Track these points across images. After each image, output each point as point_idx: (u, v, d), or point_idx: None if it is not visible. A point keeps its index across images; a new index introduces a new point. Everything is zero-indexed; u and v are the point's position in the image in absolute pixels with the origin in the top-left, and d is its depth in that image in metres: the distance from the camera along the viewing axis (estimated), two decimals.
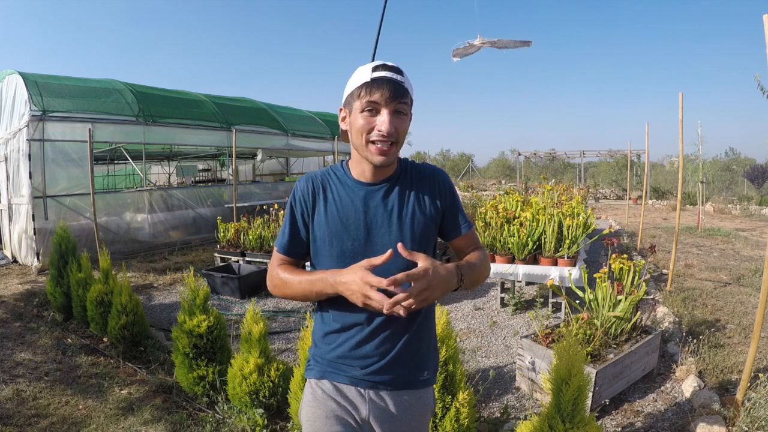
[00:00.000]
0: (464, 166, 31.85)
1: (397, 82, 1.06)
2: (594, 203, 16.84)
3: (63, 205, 6.73)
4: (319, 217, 1.15)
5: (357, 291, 0.98)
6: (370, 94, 1.05)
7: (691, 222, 10.61)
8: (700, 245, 7.97)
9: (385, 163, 1.09)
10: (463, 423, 1.99)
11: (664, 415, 2.63)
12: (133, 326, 3.52)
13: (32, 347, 3.73)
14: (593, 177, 23.64)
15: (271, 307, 4.80)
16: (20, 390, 3.00)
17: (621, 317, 2.90)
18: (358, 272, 0.99)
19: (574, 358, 1.50)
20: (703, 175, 11.95)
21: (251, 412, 2.47)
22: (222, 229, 6.48)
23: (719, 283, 5.39)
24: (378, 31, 4.11)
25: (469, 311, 4.58)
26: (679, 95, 4.82)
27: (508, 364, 3.33)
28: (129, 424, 2.62)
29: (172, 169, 16.70)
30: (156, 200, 8.05)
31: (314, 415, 1.15)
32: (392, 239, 1.11)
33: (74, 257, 4.26)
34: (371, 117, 1.06)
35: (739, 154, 23.72)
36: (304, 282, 1.11)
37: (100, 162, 12.19)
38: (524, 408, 2.72)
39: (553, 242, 4.32)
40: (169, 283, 5.76)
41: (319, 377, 1.18)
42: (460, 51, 6.27)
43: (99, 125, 7.06)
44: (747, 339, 3.57)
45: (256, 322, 2.51)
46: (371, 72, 1.07)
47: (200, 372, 2.70)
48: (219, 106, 9.53)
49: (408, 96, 1.09)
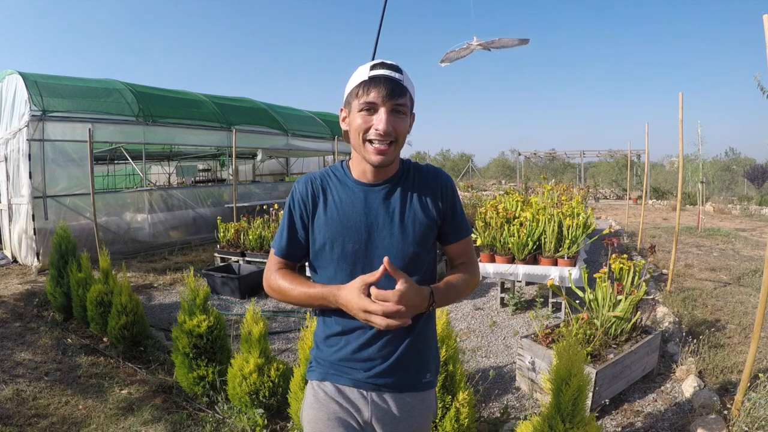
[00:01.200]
0: (464, 166, 31.84)
1: (395, 80, 1.04)
2: (594, 203, 16.84)
3: (63, 205, 6.73)
4: (318, 220, 1.14)
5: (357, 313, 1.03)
6: (367, 93, 1.04)
7: (691, 222, 10.61)
8: (700, 245, 7.97)
9: (383, 163, 1.07)
10: (463, 423, 1.99)
11: (664, 415, 2.63)
12: (133, 326, 3.52)
13: (32, 347, 3.73)
14: (593, 177, 23.63)
15: (271, 307, 4.79)
16: (20, 390, 3.00)
17: (621, 317, 2.90)
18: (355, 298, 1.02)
19: (574, 358, 1.50)
20: (703, 175, 11.95)
21: (251, 412, 2.47)
22: (222, 229, 6.48)
23: (719, 283, 5.39)
24: (378, 31, 4.11)
25: (469, 311, 4.58)
26: (679, 95, 4.82)
27: (508, 364, 3.33)
28: (129, 424, 2.62)
29: (172, 169, 16.70)
30: (156, 200, 8.05)
31: (316, 417, 1.15)
32: (393, 241, 1.11)
33: (74, 257, 4.26)
34: (369, 116, 1.05)
35: (739, 154, 23.72)
36: (303, 296, 1.13)
37: (100, 162, 12.18)
38: (524, 408, 2.72)
39: (553, 242, 4.32)
40: (169, 283, 5.76)
41: (321, 379, 1.18)
42: (452, 55, 6.27)
43: (99, 125, 7.06)
44: (747, 339, 3.57)
45: (256, 322, 2.51)
46: (369, 70, 1.05)
47: (200, 372, 2.70)
48: (219, 106, 9.53)
49: (407, 95, 1.07)
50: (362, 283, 1.01)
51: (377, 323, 1.00)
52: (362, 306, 1.00)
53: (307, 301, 1.12)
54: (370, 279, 1.01)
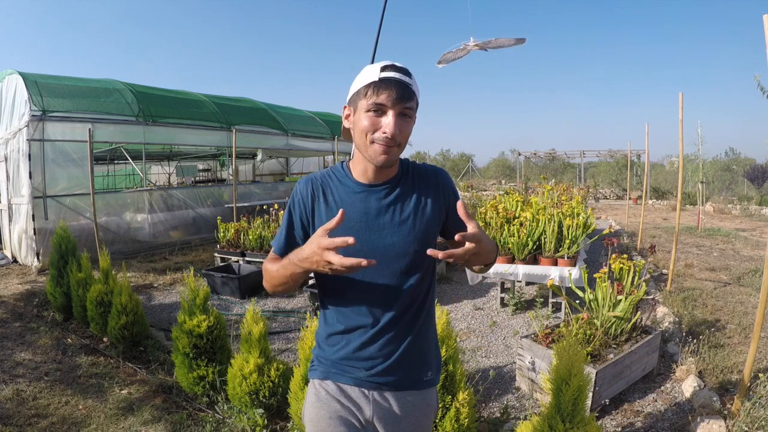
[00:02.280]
0: (464, 166, 31.84)
1: (405, 84, 1.04)
2: (594, 203, 16.84)
3: (63, 205, 6.73)
4: (319, 220, 1.14)
5: (320, 261, 0.95)
6: (377, 94, 1.03)
7: (691, 222, 10.61)
8: (700, 245, 7.97)
9: (386, 164, 1.07)
10: (463, 423, 1.99)
11: (664, 415, 2.63)
12: (133, 326, 3.52)
13: (32, 347, 3.73)
14: (593, 177, 23.64)
15: (271, 307, 4.80)
16: (20, 390, 2.99)
17: (621, 317, 2.90)
18: (314, 240, 0.96)
19: (574, 358, 1.50)
20: (703, 175, 11.95)
21: (251, 412, 2.47)
22: (222, 229, 6.48)
23: (719, 283, 5.39)
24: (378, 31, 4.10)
25: (469, 311, 4.58)
26: (679, 95, 4.82)
27: (508, 364, 3.33)
28: (129, 424, 2.62)
29: (172, 169, 16.70)
30: (156, 200, 8.05)
31: (318, 416, 1.15)
32: (394, 240, 1.11)
33: (74, 257, 4.26)
34: (376, 117, 1.04)
35: (739, 154, 23.71)
36: (280, 268, 1.09)
37: (100, 162, 12.18)
38: (524, 408, 2.72)
39: (553, 242, 4.32)
40: (169, 283, 5.76)
41: (322, 378, 1.18)
42: (449, 56, 6.26)
43: (99, 125, 7.06)
44: (747, 339, 3.57)
45: (256, 322, 2.51)
46: (380, 72, 1.04)
47: (200, 372, 2.70)
48: (219, 106, 9.53)
49: (414, 99, 1.07)
50: (323, 230, 0.95)
51: (335, 262, 0.91)
52: (323, 244, 0.92)
53: (283, 272, 1.07)
54: (329, 225, 0.95)
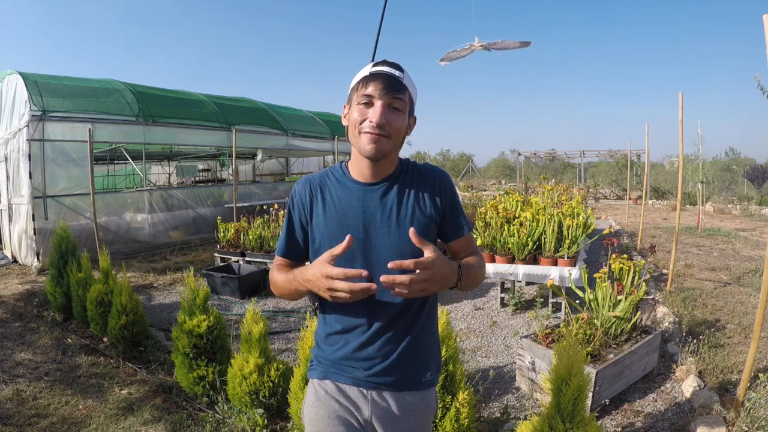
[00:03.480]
0: (464, 166, 31.83)
1: (394, 77, 1.07)
2: (594, 203, 16.84)
3: (63, 205, 6.73)
4: (317, 219, 1.15)
5: (321, 287, 0.98)
6: (366, 86, 1.06)
7: (691, 222, 10.61)
8: (700, 245, 7.97)
9: (376, 154, 1.07)
10: (463, 423, 1.99)
11: (664, 415, 2.63)
12: (133, 326, 3.52)
13: (32, 347, 3.73)
14: (593, 177, 23.63)
15: (271, 307, 4.80)
16: (20, 390, 2.99)
17: (621, 317, 2.90)
18: (318, 267, 0.99)
19: (574, 358, 1.50)
20: (703, 175, 11.95)
21: (251, 412, 2.47)
22: (222, 229, 6.48)
23: (719, 283, 5.39)
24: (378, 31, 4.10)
25: (469, 311, 4.57)
26: (679, 95, 4.82)
27: (508, 364, 3.33)
28: (129, 424, 2.62)
29: (172, 169, 16.70)
30: (156, 200, 8.05)
31: (317, 416, 1.15)
32: (391, 239, 1.11)
33: (74, 257, 4.26)
34: (365, 109, 1.07)
35: (739, 154, 23.71)
36: (285, 282, 1.13)
37: (100, 162, 12.18)
38: (524, 408, 2.72)
39: (553, 242, 4.32)
40: (169, 283, 5.76)
41: (321, 378, 1.18)
42: (452, 55, 6.27)
43: (99, 125, 7.06)
44: (747, 339, 3.57)
45: (256, 322, 2.51)
46: (371, 67, 1.09)
47: (200, 372, 2.70)
48: (219, 106, 9.53)
49: (405, 92, 1.08)
50: (329, 256, 0.98)
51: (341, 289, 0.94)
52: (325, 272, 0.96)
53: (289, 286, 1.12)
54: (336, 251, 0.97)
